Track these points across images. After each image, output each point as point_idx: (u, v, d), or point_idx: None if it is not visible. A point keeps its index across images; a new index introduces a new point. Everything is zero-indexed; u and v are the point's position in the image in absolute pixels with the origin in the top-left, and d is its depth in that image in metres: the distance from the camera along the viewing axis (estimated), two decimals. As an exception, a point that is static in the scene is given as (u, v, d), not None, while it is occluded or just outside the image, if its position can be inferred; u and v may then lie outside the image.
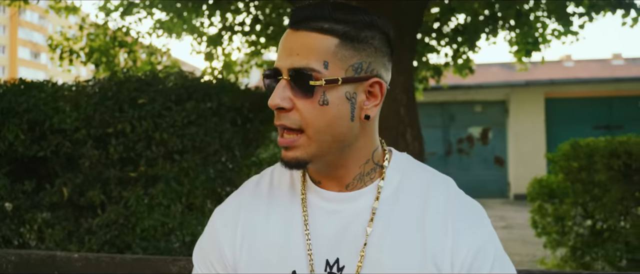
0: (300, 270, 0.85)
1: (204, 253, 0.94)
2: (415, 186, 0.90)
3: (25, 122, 2.61)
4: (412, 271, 0.83)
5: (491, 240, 0.88)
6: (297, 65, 0.81)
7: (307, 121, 0.81)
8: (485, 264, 0.84)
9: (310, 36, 0.82)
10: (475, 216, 0.90)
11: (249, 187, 0.97)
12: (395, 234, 0.85)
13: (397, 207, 0.87)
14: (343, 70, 0.82)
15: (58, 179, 2.61)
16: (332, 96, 0.81)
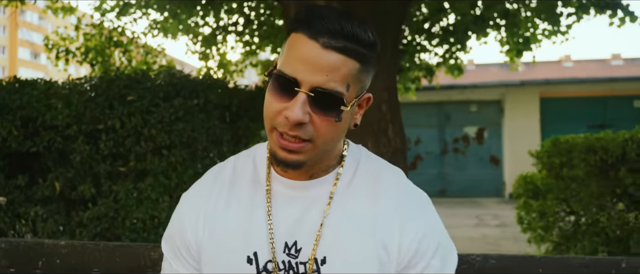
0: (261, 252, 0.90)
1: (171, 241, 0.98)
2: (368, 175, 0.96)
3: (18, 118, 2.70)
4: (364, 252, 0.89)
5: (436, 228, 0.94)
6: (325, 86, 0.82)
7: (320, 134, 0.85)
8: (430, 249, 0.91)
9: (338, 58, 0.82)
10: (422, 205, 0.97)
11: (212, 176, 1.01)
12: (349, 218, 0.91)
13: (352, 193, 0.94)
14: (356, 91, 0.87)
15: (50, 174, 2.70)
16: (345, 114, 0.86)
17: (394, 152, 2.72)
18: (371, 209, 0.92)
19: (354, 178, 0.95)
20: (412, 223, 0.91)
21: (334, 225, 0.90)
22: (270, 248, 0.90)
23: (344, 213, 0.92)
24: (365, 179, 0.95)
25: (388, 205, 0.92)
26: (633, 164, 2.75)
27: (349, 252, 0.89)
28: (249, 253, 0.91)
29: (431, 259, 0.90)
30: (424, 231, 0.91)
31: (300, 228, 0.91)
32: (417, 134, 12.61)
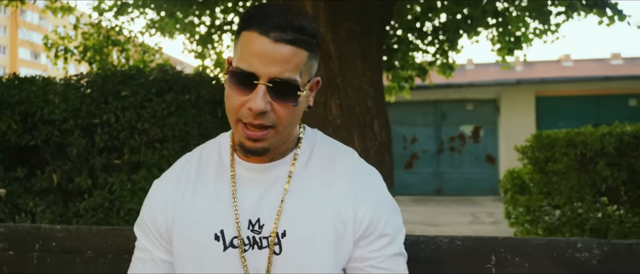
0: (227, 230, 0.97)
1: (144, 226, 1.06)
2: (324, 155, 1.04)
3: (17, 113, 2.81)
4: (321, 225, 0.97)
5: (386, 201, 1.03)
6: (281, 76, 0.89)
7: (282, 120, 0.93)
8: (381, 221, 0.99)
9: (289, 49, 0.89)
10: (373, 180, 1.05)
11: (180, 165, 1.09)
12: (307, 195, 0.99)
13: (309, 172, 1.02)
14: (308, 76, 0.95)
15: (48, 167, 2.80)
16: (302, 99, 0.95)
17: (380, 145, 2.82)
18: (327, 186, 1.00)
19: (311, 159, 1.04)
20: (364, 197, 0.99)
21: (293, 201, 0.98)
22: (235, 225, 0.98)
23: (301, 190, 1.00)
24: (321, 160, 1.04)
25: (343, 182, 1.00)
26: (611, 158, 2.85)
27: (306, 225, 0.97)
28: (216, 231, 0.98)
29: (384, 229, 0.99)
30: (376, 204, 1.00)
31: (262, 206, 0.99)
32: (413, 133, 12.71)
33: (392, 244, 1.00)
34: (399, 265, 1.02)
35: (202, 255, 0.99)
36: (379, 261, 0.99)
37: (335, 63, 2.71)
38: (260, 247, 0.97)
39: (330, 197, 0.99)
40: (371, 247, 0.99)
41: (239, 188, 1.01)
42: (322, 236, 0.97)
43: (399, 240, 1.03)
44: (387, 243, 1.00)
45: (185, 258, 1.00)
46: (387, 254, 0.99)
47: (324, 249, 0.97)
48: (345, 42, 2.72)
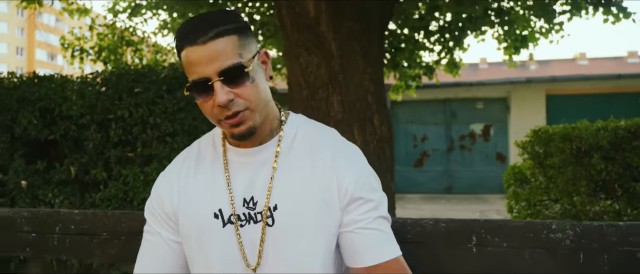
0: (225, 209, 1.09)
1: (153, 209, 1.18)
2: (308, 135, 1.15)
3: (37, 109, 2.97)
4: (308, 196, 1.07)
5: (367, 173, 1.13)
6: (224, 66, 1.00)
7: (249, 99, 1.03)
8: (365, 188, 1.09)
9: (218, 43, 1.00)
10: (354, 155, 1.15)
11: (182, 157, 1.21)
12: (294, 169, 1.09)
13: (294, 151, 1.12)
14: (250, 53, 1.05)
15: (66, 159, 2.97)
16: (254, 74, 1.04)
17: (380, 139, 2.94)
18: (311, 162, 1.10)
19: (295, 139, 1.13)
20: (346, 170, 1.09)
21: (281, 178, 1.09)
22: (231, 204, 1.09)
23: (288, 167, 1.10)
24: (305, 139, 1.14)
25: (325, 157, 1.10)
26: (605, 152, 2.93)
27: (295, 197, 1.07)
28: (215, 210, 1.10)
29: (368, 196, 1.10)
30: (358, 173, 1.10)
31: (254, 185, 1.10)
32: (423, 132, 12.77)
33: (378, 208, 1.11)
34: (384, 226, 1.12)
35: (204, 232, 1.10)
36: (368, 222, 1.09)
37: (337, 61, 2.84)
38: (256, 221, 1.08)
39: (315, 171, 1.09)
40: (359, 210, 1.09)
41: (232, 172, 1.12)
42: (310, 205, 1.07)
43: (383, 206, 1.13)
44: (373, 207, 1.10)
45: (190, 236, 1.12)
46: (374, 216, 1.09)
47: (313, 218, 1.07)
48: (347, 40, 2.84)
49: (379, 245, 1.10)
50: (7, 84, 3.11)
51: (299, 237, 1.07)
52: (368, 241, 1.09)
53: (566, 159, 3.04)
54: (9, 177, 2.98)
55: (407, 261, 1.43)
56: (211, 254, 1.10)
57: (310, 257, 1.08)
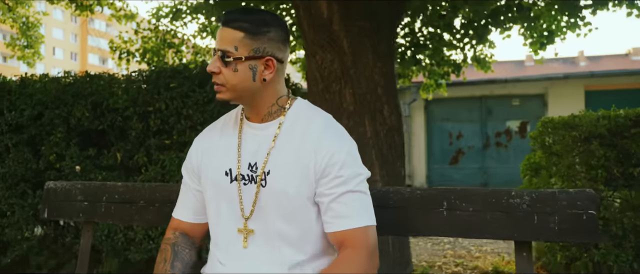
0: (233, 169, 1.38)
1: (186, 167, 1.52)
2: (305, 119, 1.39)
3: (89, 103, 3.41)
4: (293, 165, 1.32)
5: (345, 149, 1.33)
6: (221, 48, 1.30)
7: (226, 80, 1.31)
8: (337, 164, 1.30)
9: (227, 31, 1.30)
10: (337, 136, 1.37)
11: (212, 125, 1.54)
12: (286, 147, 1.35)
13: (292, 132, 1.36)
14: (247, 52, 1.30)
15: (113, 147, 3.40)
16: (240, 66, 1.30)
17: (390, 128, 3.21)
18: (301, 141, 1.34)
19: (296, 122, 1.38)
20: (325, 145, 1.32)
21: (276, 153, 1.35)
22: (238, 166, 1.38)
23: (284, 143, 1.36)
24: (303, 122, 1.38)
25: (312, 137, 1.34)
26: (604, 139, 3.09)
27: (283, 168, 1.33)
28: (226, 169, 1.39)
29: (339, 170, 1.30)
30: (333, 151, 1.31)
31: (258, 154, 1.37)
32: (458, 129, 12.80)
33: (346, 183, 1.31)
34: (351, 200, 1.32)
35: (216, 185, 1.41)
36: (335, 197, 1.31)
37: (349, 57, 3.13)
38: (255, 182, 1.36)
39: (302, 148, 1.34)
40: (328, 185, 1.31)
41: (243, 139, 1.41)
42: (294, 175, 1.32)
43: (355, 181, 1.32)
44: (341, 182, 1.30)
45: (207, 187, 1.44)
46: (341, 191, 1.30)
47: (293, 183, 1.32)
48: (357, 38, 3.13)
49: (343, 215, 1.31)
50: (63, 82, 3.57)
51: (283, 199, 1.33)
52: (331, 211, 1.32)
53: (567, 146, 3.22)
54: (66, 163, 3.43)
55: (388, 223, 1.72)
56: (219, 204, 1.42)
57: (293, 214, 1.34)
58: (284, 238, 1.35)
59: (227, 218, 1.40)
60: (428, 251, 5.42)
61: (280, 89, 1.42)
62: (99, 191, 2.34)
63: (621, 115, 3.10)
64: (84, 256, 2.30)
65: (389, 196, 1.84)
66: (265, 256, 1.36)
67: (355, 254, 1.30)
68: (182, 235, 1.52)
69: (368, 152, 3.12)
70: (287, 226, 1.34)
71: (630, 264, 2.97)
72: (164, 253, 1.46)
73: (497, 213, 1.76)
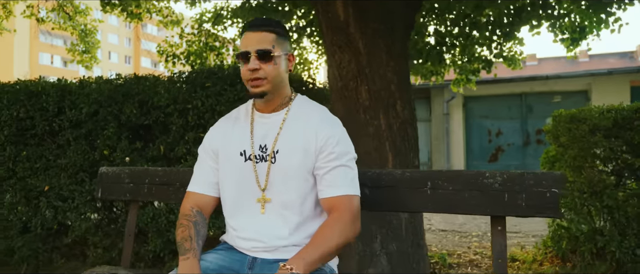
0: (247, 150, 1.74)
1: (204, 148, 1.82)
2: (306, 111, 1.72)
3: (136, 102, 3.88)
4: (297, 146, 1.63)
5: (338, 133, 1.65)
6: (260, 47, 1.59)
7: (268, 72, 1.61)
8: (331, 144, 1.62)
9: (264, 34, 1.61)
10: (332, 123, 1.68)
11: (226, 116, 1.85)
12: (292, 131, 1.66)
13: (296, 119, 1.68)
14: (280, 49, 1.63)
15: (157, 140, 3.84)
16: (278, 61, 1.63)
17: (402, 122, 3.48)
18: (304, 126, 1.66)
19: (298, 112, 1.71)
20: (324, 129, 1.65)
21: (283, 136, 1.67)
22: (251, 148, 1.71)
23: (289, 129, 1.67)
24: (304, 112, 1.71)
25: (312, 123, 1.66)
26: (608, 131, 3.24)
27: (289, 147, 1.64)
28: (241, 150, 1.71)
29: (333, 147, 1.63)
30: (329, 134, 1.64)
31: (267, 137, 1.69)
32: (498, 126, 12.76)
33: (337, 159, 1.63)
34: (341, 172, 1.63)
35: (232, 163, 1.73)
36: (328, 169, 1.63)
37: (364, 57, 3.42)
38: (265, 160, 1.68)
39: (304, 132, 1.66)
40: (324, 159, 1.63)
41: (254, 127, 1.73)
42: (297, 153, 1.64)
43: (345, 158, 1.65)
44: (333, 157, 1.63)
45: (224, 165, 1.78)
46: (333, 165, 1.63)
47: (298, 161, 1.64)
48: (372, 39, 3.42)
49: (333, 185, 1.63)
50: (115, 83, 4.06)
51: (290, 171, 1.65)
52: (324, 181, 1.64)
53: (573, 138, 3.39)
54: (117, 154, 3.91)
55: (381, 200, 2.02)
56: (236, 179, 1.75)
57: (296, 184, 1.68)
58: (288, 204, 1.67)
59: (244, 191, 1.73)
60: (454, 243, 5.62)
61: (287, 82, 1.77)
62: (142, 175, 2.75)
63: (624, 108, 3.25)
64: (130, 229, 2.71)
65: (382, 177, 2.13)
66: (275, 219, 1.69)
67: (340, 216, 1.59)
68: (199, 213, 1.76)
69: (382, 144, 3.41)
70: (291, 194, 1.66)
71: (632, 250, 3.12)
72: (187, 230, 1.69)
73: (474, 191, 2.02)
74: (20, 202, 4.23)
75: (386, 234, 3.44)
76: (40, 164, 4.18)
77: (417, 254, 3.53)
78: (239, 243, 1.75)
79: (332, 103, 3.68)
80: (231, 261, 1.74)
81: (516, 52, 7.26)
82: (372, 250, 3.46)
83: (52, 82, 4.30)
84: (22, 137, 4.28)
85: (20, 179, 4.24)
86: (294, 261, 1.46)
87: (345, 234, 1.59)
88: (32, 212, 4.19)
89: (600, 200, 3.21)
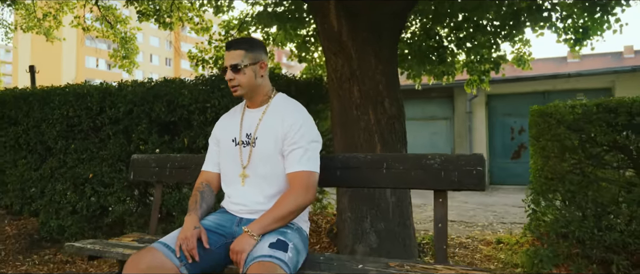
0: (237, 137, 2.35)
1: (212, 137, 2.51)
2: (280, 106, 2.22)
3: (165, 101, 4.54)
4: (270, 134, 2.15)
5: (300, 122, 2.12)
6: (233, 62, 2.15)
7: (240, 81, 2.16)
8: (294, 129, 2.09)
9: (235, 52, 2.16)
10: (299, 112, 2.18)
11: (228, 112, 2.50)
12: (268, 123, 2.17)
13: (273, 113, 2.19)
14: (250, 62, 2.16)
15: (181, 134, 4.50)
16: (247, 71, 2.17)
17: (390, 117, 4.00)
18: (278, 117, 2.16)
19: (276, 107, 2.24)
20: (287, 120, 2.13)
21: (262, 125, 2.21)
22: (239, 135, 2.31)
23: (267, 120, 2.20)
24: (279, 107, 2.22)
25: (285, 115, 2.15)
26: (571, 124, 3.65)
27: (266, 135, 2.15)
28: (232, 137, 2.31)
29: (294, 134, 2.10)
30: (291, 123, 2.12)
31: (251, 127, 2.24)
32: (520, 124, 12.94)
33: (297, 142, 2.11)
34: (301, 152, 2.10)
35: (227, 147, 2.33)
36: (291, 150, 2.11)
37: (355, 61, 3.95)
38: (249, 145, 2.31)
39: (277, 122, 2.16)
40: (287, 142, 2.13)
41: (244, 118, 2.33)
42: (272, 139, 2.15)
43: (304, 141, 2.11)
44: (293, 141, 2.11)
45: (222, 149, 2.38)
46: (292, 148, 2.11)
47: (272, 145, 2.15)
48: (362, 46, 3.94)
49: (292, 163, 2.11)
50: (147, 86, 4.74)
51: (265, 153, 2.17)
52: (287, 160, 2.14)
53: (541, 131, 3.81)
54: (148, 146, 4.58)
55: (349, 179, 2.57)
56: (228, 160, 2.35)
57: (271, 163, 2.23)
58: (264, 178, 2.23)
59: (233, 168, 2.32)
60: (457, 231, 6.05)
61: (268, 84, 2.35)
62: (165, 160, 3.38)
63: (587, 104, 3.65)
64: (156, 204, 3.34)
65: (350, 160, 2.67)
66: (254, 190, 2.26)
67: (293, 188, 2.10)
68: (207, 186, 2.37)
69: (372, 136, 3.93)
70: (266, 170, 2.19)
71: (591, 230, 3.52)
72: (195, 197, 2.33)
73: (419, 170, 2.52)
74: (69, 188, 4.98)
75: (375, 215, 3.96)
76: (85, 155, 4.91)
77: (403, 233, 4.04)
78: (230, 207, 2.34)
79: (330, 100, 4.23)
80: (224, 220, 2.32)
81: (524, 52, 7.58)
82: (363, 228, 3.99)
83: (96, 86, 5.04)
84: (70, 132, 5.03)
85: (69, 168, 4.99)
86: (252, 226, 2.05)
87: (297, 202, 2.09)
88: (79, 196, 4.92)
89: (563, 185, 3.62)
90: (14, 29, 8.77)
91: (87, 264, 4.48)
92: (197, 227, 2.12)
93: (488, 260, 4.21)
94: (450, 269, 2.29)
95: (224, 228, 2.25)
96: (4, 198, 5.52)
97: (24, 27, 8.97)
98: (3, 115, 5.46)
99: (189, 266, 2.02)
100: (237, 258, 1.98)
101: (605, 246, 3.51)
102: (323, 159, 2.36)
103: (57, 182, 5.06)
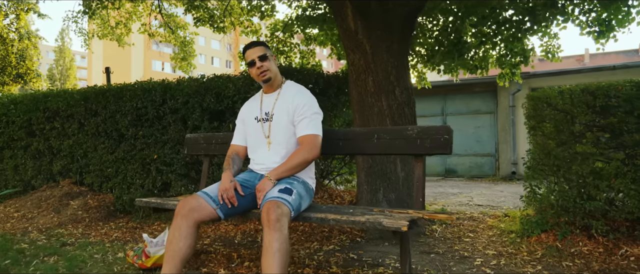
0: (258, 116, 3.17)
1: (239, 118, 3.34)
2: (290, 90, 3.00)
3: (214, 94, 5.43)
4: (284, 111, 3.00)
5: (306, 100, 2.90)
6: (259, 54, 2.97)
7: (268, 67, 2.96)
8: (300, 106, 2.85)
9: (257, 48, 2.99)
10: (302, 95, 2.94)
11: (251, 98, 3.35)
12: (282, 103, 2.93)
13: (286, 95, 2.95)
14: (270, 53, 3.00)
15: (227, 121, 5.37)
16: (271, 59, 3.01)
17: (399, 104, 4.66)
18: (289, 98, 2.92)
19: (286, 91, 3.07)
20: (295, 100, 2.90)
21: (278, 105, 3.00)
22: (260, 113, 3.16)
23: (281, 101, 3.02)
24: (289, 91, 2.99)
25: (294, 96, 2.90)
26: (556, 106, 4.16)
27: (280, 111, 2.91)
28: (255, 116, 3.15)
29: (301, 108, 2.85)
30: (298, 102, 2.87)
31: (269, 107, 3.07)
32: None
33: (304, 114, 2.84)
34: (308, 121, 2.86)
35: (251, 124, 3.18)
36: (300, 119, 2.85)
37: (370, 56, 4.65)
38: (268, 120, 3.13)
39: (288, 101, 2.94)
40: (297, 113, 2.85)
41: (263, 101, 3.18)
42: (286, 114, 2.89)
43: (309, 113, 2.85)
44: (301, 113, 2.84)
45: (247, 126, 3.23)
46: (300, 118, 2.84)
47: (285, 118, 2.92)
48: (376, 42, 4.63)
49: (301, 128, 2.84)
50: (199, 81, 5.66)
51: (282, 126, 2.97)
52: (297, 127, 2.86)
53: (533, 114, 4.34)
54: (201, 131, 5.48)
55: (348, 148, 3.30)
56: (253, 133, 3.16)
57: (284, 132, 3.03)
58: (280, 143, 3.02)
59: (258, 138, 3.13)
60: (479, 211, 6.57)
61: (279, 73, 3.15)
62: (210, 138, 4.23)
63: (573, 89, 4.14)
64: (204, 172, 4.20)
65: (348, 134, 3.39)
66: (274, 153, 3.06)
67: (302, 147, 2.84)
68: (236, 155, 3.18)
69: (384, 120, 4.61)
70: (282, 138, 3.01)
71: (574, 199, 4.02)
72: (228, 161, 3.15)
73: (401, 140, 3.20)
74: (138, 168, 5.99)
75: (387, 187, 4.64)
76: (151, 140, 5.90)
77: (410, 202, 4.69)
78: (255, 167, 3.14)
79: (349, 90, 4.95)
80: (251, 176, 3.12)
81: (554, 45, 7.93)
82: (377, 198, 4.67)
83: (159, 81, 6.03)
84: (139, 121, 6.04)
85: (138, 151, 6.00)
86: (271, 173, 2.83)
87: (304, 156, 2.83)
88: (146, 174, 5.92)
89: (550, 160, 4.14)
90: (91, 36, 10.07)
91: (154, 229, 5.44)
92: (232, 181, 2.92)
93: (489, 229, 4.77)
94: (418, 212, 2.95)
95: (250, 181, 3.04)
96: (87, 178, 6.65)
97: (100, 34, 10.28)
98: (87, 108, 6.58)
99: (223, 209, 2.82)
100: (259, 194, 2.76)
101: (586, 213, 4.00)
102: (327, 132, 3.14)
103: (128, 164, 6.09)
